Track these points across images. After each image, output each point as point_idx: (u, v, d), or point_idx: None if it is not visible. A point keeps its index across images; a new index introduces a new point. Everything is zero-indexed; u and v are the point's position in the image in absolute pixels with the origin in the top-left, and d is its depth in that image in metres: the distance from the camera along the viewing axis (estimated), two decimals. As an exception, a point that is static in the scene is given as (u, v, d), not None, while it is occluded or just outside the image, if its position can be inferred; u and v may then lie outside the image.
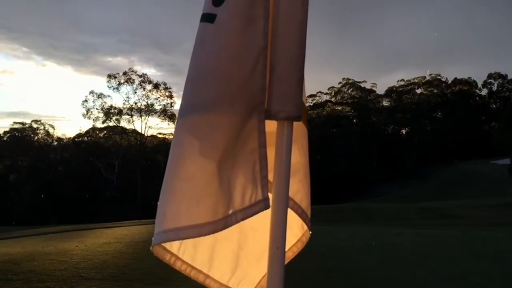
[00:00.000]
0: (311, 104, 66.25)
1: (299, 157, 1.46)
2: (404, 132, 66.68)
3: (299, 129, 1.43)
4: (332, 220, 20.60)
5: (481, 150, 55.98)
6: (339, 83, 68.35)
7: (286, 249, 1.53)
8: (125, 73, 51.43)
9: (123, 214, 28.71)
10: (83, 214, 40.85)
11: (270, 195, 1.25)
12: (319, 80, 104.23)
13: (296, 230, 1.59)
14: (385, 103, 67.50)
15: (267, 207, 1.22)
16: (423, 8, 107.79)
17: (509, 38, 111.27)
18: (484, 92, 69.32)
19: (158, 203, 1.16)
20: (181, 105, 1.20)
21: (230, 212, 1.18)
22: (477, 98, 68.01)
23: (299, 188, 1.47)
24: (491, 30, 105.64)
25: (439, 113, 66.52)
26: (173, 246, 1.33)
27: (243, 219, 1.21)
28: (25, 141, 58.27)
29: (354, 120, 63.69)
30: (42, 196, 44.53)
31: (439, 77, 68.22)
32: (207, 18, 1.20)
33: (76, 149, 54.54)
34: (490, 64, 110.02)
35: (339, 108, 64.91)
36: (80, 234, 11.34)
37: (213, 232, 1.16)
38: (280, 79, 1.22)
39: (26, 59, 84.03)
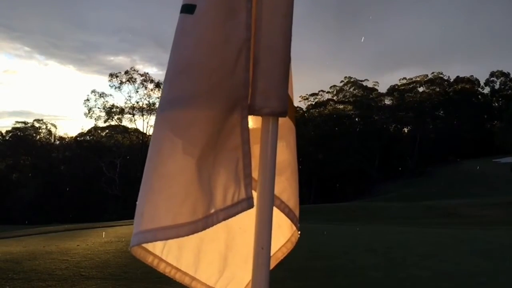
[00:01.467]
0: (313, 103, 66.21)
1: (286, 155, 1.42)
2: (406, 131, 66.55)
3: (286, 125, 1.39)
4: (334, 219, 20.58)
5: (484, 148, 55.86)
6: (341, 81, 68.23)
7: (276, 249, 1.52)
8: (126, 72, 51.50)
9: (125, 213, 28.79)
10: (85, 213, 40.92)
11: (255, 194, 1.21)
12: (321, 78, 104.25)
13: (286, 230, 1.54)
14: (387, 101, 67.37)
15: (250, 206, 1.18)
16: (425, 6, 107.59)
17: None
18: (487, 90, 69.20)
19: (137, 202, 1.11)
20: (160, 99, 1.15)
21: (211, 211, 1.14)
22: (479, 96, 67.81)
23: (285, 187, 1.43)
24: (494, 28, 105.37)
25: (442, 112, 66.36)
26: (156, 247, 1.29)
27: (225, 219, 1.16)
28: (27, 140, 58.42)
29: (356, 119, 63.57)
30: (44, 195, 44.58)
31: (441, 76, 68.04)
32: (186, 9, 1.15)
33: (78, 148, 54.66)
34: (492, 63, 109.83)
35: (341, 106, 64.80)
36: (82, 233, 11.34)
37: (193, 233, 1.11)
38: (264, 73, 1.17)
39: (28, 58, 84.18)
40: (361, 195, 48.40)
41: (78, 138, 56.86)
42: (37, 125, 60.09)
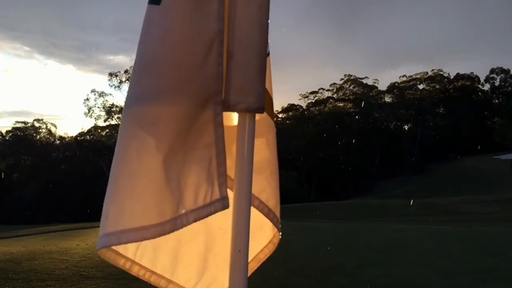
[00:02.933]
0: (313, 101, 66.15)
1: (265, 153, 1.36)
2: (406, 128, 66.52)
3: (264, 122, 1.33)
4: (335, 217, 20.57)
5: (484, 145, 55.84)
6: (341, 79, 68.17)
7: (257, 251, 1.47)
8: (126, 71, 51.49)
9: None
10: (86, 212, 40.92)
11: (232, 194, 1.15)
12: (321, 76, 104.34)
13: (268, 231, 1.47)
14: (387, 99, 67.35)
15: (225, 207, 1.11)
16: (425, 3, 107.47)
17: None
18: (487, 87, 69.12)
19: (104, 203, 1.05)
20: (127, 95, 1.08)
21: (181, 212, 1.08)
22: (479, 93, 67.75)
23: (265, 186, 1.36)
24: (493, 25, 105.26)
25: (442, 109, 66.33)
26: (129, 250, 1.22)
27: (196, 220, 1.10)
28: (28, 140, 58.44)
29: (356, 117, 63.51)
30: (45, 194, 44.59)
31: (441, 73, 67.99)
32: None
33: (78, 147, 54.65)
34: (492, 59, 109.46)
35: (341, 104, 64.72)
36: (81, 232, 11.34)
37: (159, 235, 1.05)
38: (238, 67, 1.11)
39: (28, 58, 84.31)
40: (361, 192, 48.40)
41: (78, 138, 56.86)
42: (37, 124, 60.15)
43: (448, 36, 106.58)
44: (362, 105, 60.29)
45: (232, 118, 1.19)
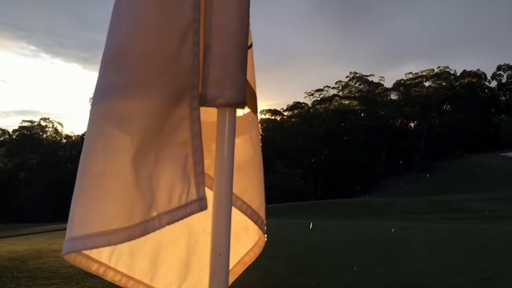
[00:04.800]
0: (318, 99, 66.03)
1: (247, 150, 1.28)
2: (412, 126, 66.23)
3: (247, 118, 1.25)
4: (340, 215, 20.53)
5: (491, 142, 55.46)
6: (347, 77, 67.98)
7: (243, 254, 1.39)
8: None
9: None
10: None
11: (211, 194, 1.08)
12: (326, 74, 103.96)
13: (253, 233, 1.38)
14: (393, 96, 67.08)
15: (202, 208, 1.03)
16: (431, 0, 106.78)
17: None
18: (494, 84, 68.63)
19: (70, 206, 0.99)
20: (94, 89, 1.01)
21: (153, 215, 0.99)
22: (486, 90, 67.30)
23: (247, 186, 1.28)
24: (500, 22, 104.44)
25: (448, 106, 65.98)
26: (103, 254, 1.15)
27: (169, 223, 1.01)
28: (34, 139, 58.84)
29: (362, 114, 63.33)
30: (51, 193, 44.85)
31: (447, 70, 67.57)
32: None
33: (84, 146, 54.80)
34: (499, 56, 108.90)
35: (347, 102, 64.58)
36: (87, 231, 11.35)
37: (128, 240, 0.96)
38: (217, 59, 1.03)
39: (34, 57, 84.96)
40: (367, 190, 48.24)
41: (84, 136, 57.07)
42: (43, 123, 60.58)
43: (455, 33, 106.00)
44: (368, 103, 60.09)
45: (211, 114, 1.10)
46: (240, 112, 1.12)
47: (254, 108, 1.28)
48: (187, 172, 1.03)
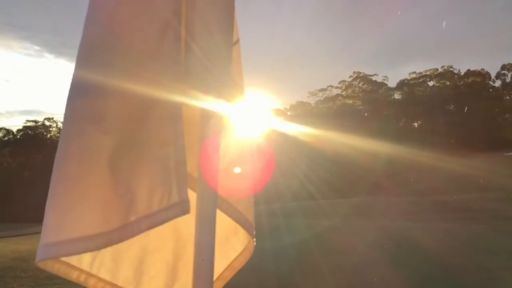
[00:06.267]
0: (322, 99, 66.00)
1: (235, 151, 1.22)
2: (416, 125, 66.04)
3: (235, 116, 1.18)
4: (343, 215, 20.46)
5: (495, 142, 55.20)
6: (350, 76, 67.92)
7: (232, 258, 1.33)
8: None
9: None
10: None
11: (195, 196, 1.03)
12: (330, 74, 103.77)
13: (243, 237, 1.32)
14: (397, 96, 66.92)
15: (185, 211, 0.95)
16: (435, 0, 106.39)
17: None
18: (498, 83, 68.34)
19: (45, 210, 0.93)
20: (69, 87, 0.96)
21: (131, 219, 0.93)
22: (490, 90, 67.02)
23: (235, 188, 1.22)
24: (504, 21, 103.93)
25: (452, 106, 65.74)
26: (83, 261, 1.09)
27: (150, 228, 0.94)
28: (38, 138, 59.02)
29: (366, 114, 63.21)
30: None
31: (451, 69, 67.35)
32: None
33: (88, 146, 55.01)
34: (503, 55, 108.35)
35: (350, 101, 64.48)
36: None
37: (106, 246, 0.91)
38: (200, 54, 0.98)
39: (38, 57, 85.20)
40: (370, 190, 48.12)
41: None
42: (47, 123, 60.83)
43: (459, 32, 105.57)
44: (371, 102, 59.93)
45: (195, 112, 1.05)
46: (226, 110, 1.06)
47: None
48: (169, 174, 0.96)
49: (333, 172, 51.37)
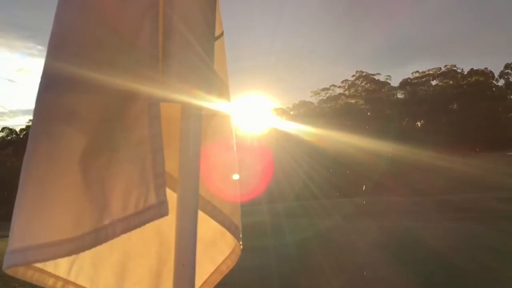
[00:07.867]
0: (324, 98, 66.01)
1: (220, 150, 1.16)
2: (419, 125, 65.96)
3: (217, 113, 1.13)
4: (345, 215, 20.44)
5: (499, 142, 55.07)
6: (353, 76, 67.90)
7: (219, 262, 1.27)
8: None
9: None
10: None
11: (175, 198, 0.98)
12: (333, 73, 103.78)
13: (230, 240, 1.26)
14: (400, 95, 66.86)
15: (163, 213, 0.90)
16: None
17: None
18: (501, 83, 68.16)
19: (13, 214, 0.88)
20: (39, 84, 0.90)
21: (105, 223, 0.88)
22: (494, 89, 66.85)
23: (218, 189, 1.16)
24: (508, 20, 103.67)
25: (455, 105, 65.61)
26: (60, 267, 1.03)
27: (125, 231, 0.89)
28: (41, 138, 59.29)
29: (368, 113, 63.16)
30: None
31: (454, 68, 67.21)
32: None
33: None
34: (507, 54, 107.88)
35: (353, 101, 64.44)
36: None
37: (77, 252, 0.86)
38: (178, 48, 0.92)
39: (41, 57, 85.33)
40: (373, 190, 48.10)
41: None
42: (50, 123, 61.06)
43: (462, 31, 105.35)
44: (374, 102, 59.90)
45: (175, 109, 0.99)
46: (208, 107, 1.01)
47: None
48: (145, 175, 0.90)
49: (336, 172, 51.46)
